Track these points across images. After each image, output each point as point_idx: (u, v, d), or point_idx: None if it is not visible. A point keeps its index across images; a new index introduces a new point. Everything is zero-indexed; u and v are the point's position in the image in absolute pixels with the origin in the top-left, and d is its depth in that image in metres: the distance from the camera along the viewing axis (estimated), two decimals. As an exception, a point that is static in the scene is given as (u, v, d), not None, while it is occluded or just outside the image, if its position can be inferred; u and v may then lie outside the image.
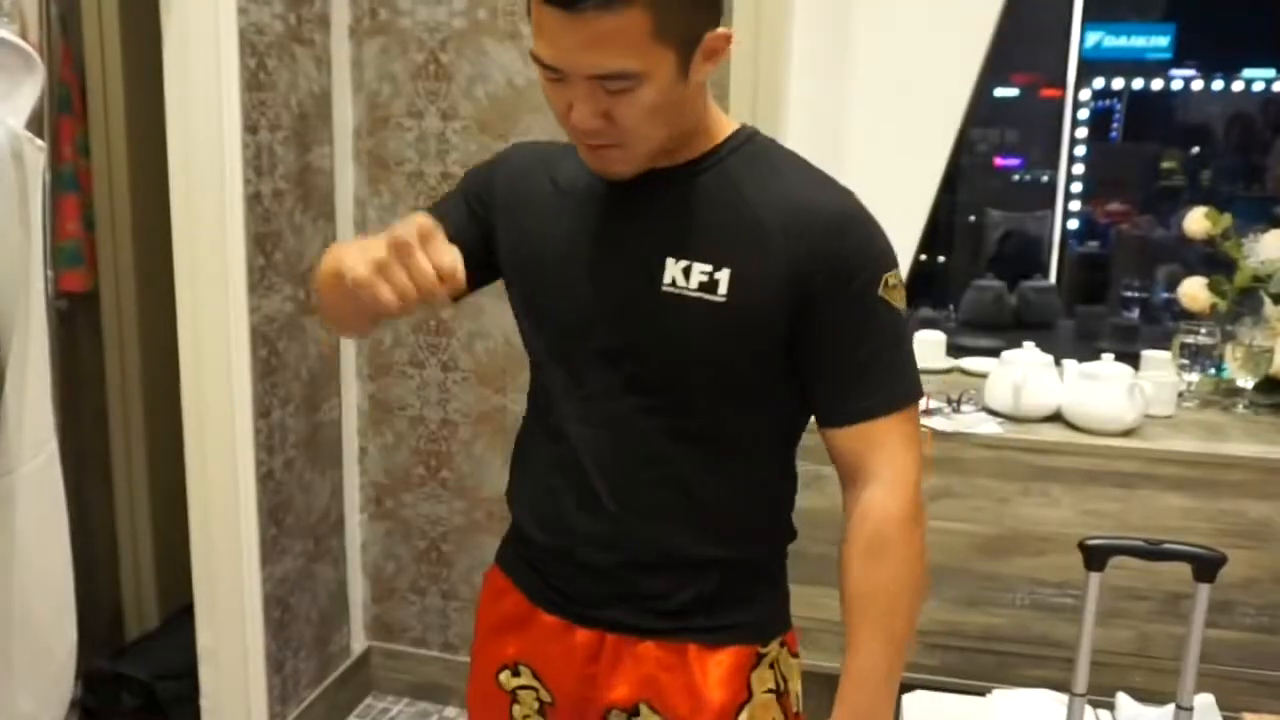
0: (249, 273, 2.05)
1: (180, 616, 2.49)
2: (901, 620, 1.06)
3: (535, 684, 1.18)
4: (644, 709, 1.12)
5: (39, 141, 1.29)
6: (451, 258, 0.90)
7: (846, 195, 1.05)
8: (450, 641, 2.56)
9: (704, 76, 1.01)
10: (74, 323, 2.39)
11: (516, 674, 1.19)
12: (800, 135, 2.12)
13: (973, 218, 5.62)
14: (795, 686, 1.17)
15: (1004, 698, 1.76)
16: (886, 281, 1.03)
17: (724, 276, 1.01)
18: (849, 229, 1.02)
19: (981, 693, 1.77)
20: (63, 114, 2.16)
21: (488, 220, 1.15)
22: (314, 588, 2.39)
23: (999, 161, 6.13)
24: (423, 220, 0.91)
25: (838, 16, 2.19)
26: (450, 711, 2.55)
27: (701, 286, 1.02)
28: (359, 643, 2.59)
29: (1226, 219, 2.18)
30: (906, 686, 1.81)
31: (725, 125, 1.08)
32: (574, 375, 1.10)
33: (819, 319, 1.02)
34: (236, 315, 2.04)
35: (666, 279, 1.03)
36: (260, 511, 2.15)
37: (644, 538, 1.10)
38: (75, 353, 2.40)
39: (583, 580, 1.13)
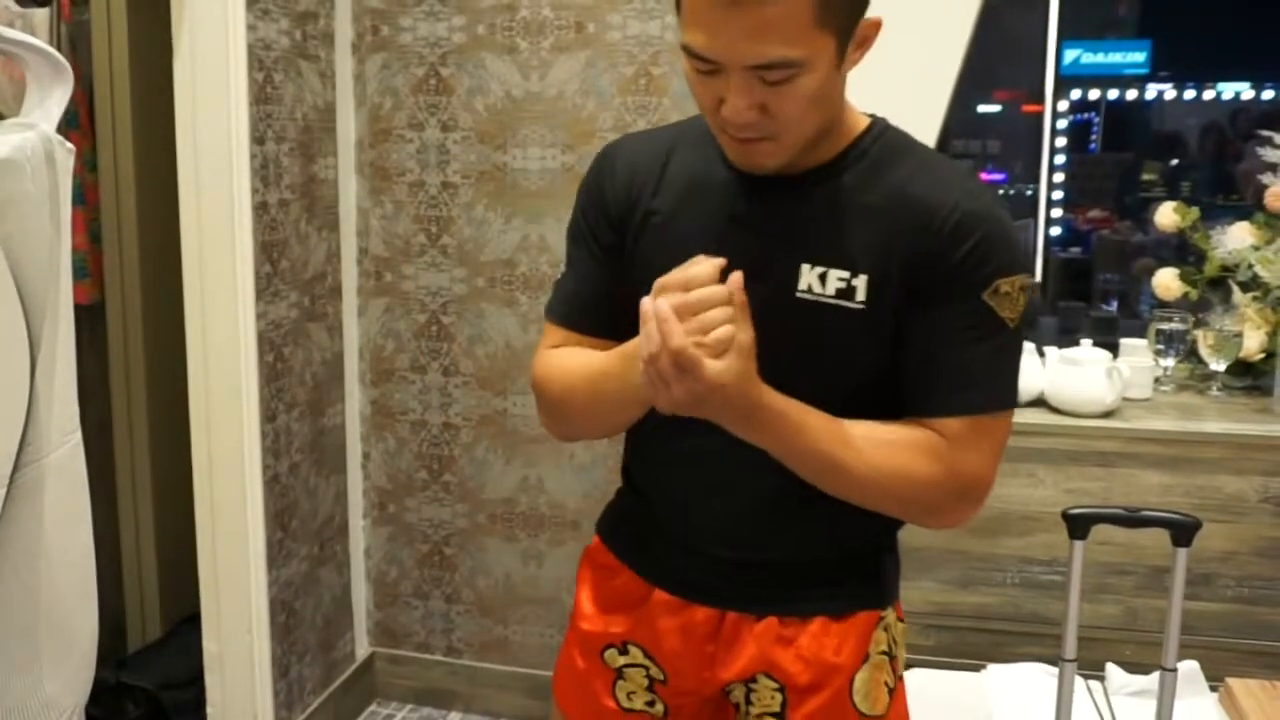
0: (256, 279, 2.10)
1: (183, 627, 2.50)
2: (864, 477, 0.99)
3: (645, 662, 1.17)
4: (761, 678, 1.13)
5: (68, 145, 1.36)
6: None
7: (975, 197, 1.01)
8: (454, 646, 2.58)
9: (854, 66, 0.99)
10: (78, 335, 2.40)
11: (624, 652, 1.18)
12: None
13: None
14: (902, 652, 1.18)
15: (998, 672, 1.81)
16: (998, 288, 0.99)
17: (861, 283, 1.00)
18: (966, 233, 0.99)
19: (976, 670, 1.82)
20: (70, 129, 2.22)
21: (614, 247, 1.11)
22: (318, 592, 2.42)
23: (984, 176, 6.24)
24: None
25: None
26: (454, 717, 2.56)
27: (839, 294, 1.00)
28: (363, 648, 2.61)
29: (1194, 212, 2.28)
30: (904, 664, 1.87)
31: (860, 121, 1.06)
32: None
33: (921, 314, 1.00)
34: (245, 321, 2.08)
35: (802, 285, 1.01)
36: (267, 515, 2.18)
37: (775, 537, 1.10)
38: (80, 364, 2.40)
39: (709, 570, 1.12)
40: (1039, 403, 2.07)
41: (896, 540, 1.18)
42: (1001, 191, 6.08)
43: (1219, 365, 2.14)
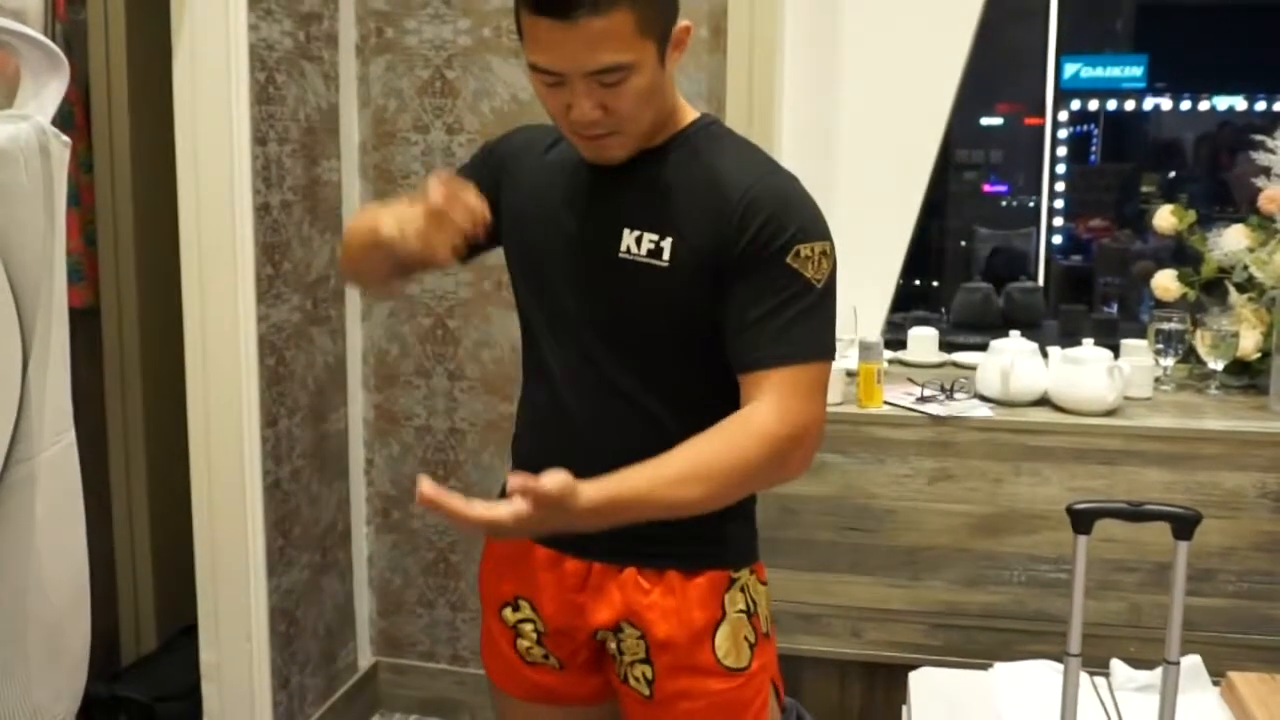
0: (257, 281, 2.10)
1: (179, 639, 2.48)
2: (706, 494, 1.11)
3: (533, 616, 1.32)
4: (625, 627, 1.26)
5: (64, 137, 1.36)
6: (478, 200, 1.08)
7: (772, 176, 1.19)
8: (459, 654, 2.56)
9: (675, 65, 1.18)
10: (73, 338, 2.39)
11: (516, 608, 1.33)
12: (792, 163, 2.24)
13: (964, 242, 5.77)
14: (764, 610, 1.30)
15: (1005, 670, 1.80)
16: (798, 253, 1.15)
17: (667, 245, 1.17)
18: (762, 206, 1.15)
19: (984, 669, 1.81)
20: (66, 130, 2.21)
21: (494, 192, 1.27)
22: (320, 601, 2.40)
23: (987, 188, 6.29)
24: (442, 175, 1.08)
25: (823, 49, 2.32)
26: (458, 726, 2.55)
27: (649, 253, 1.18)
28: (366, 658, 2.59)
29: (1192, 215, 2.32)
30: (911, 664, 1.86)
31: (689, 115, 1.24)
32: (555, 331, 1.26)
33: (734, 282, 1.16)
34: (245, 323, 2.07)
35: (622, 247, 1.19)
36: (267, 521, 2.17)
37: None
38: (74, 369, 2.38)
39: None
40: (1043, 401, 2.09)
41: (749, 509, 1.30)
42: (1004, 203, 6.13)
43: (1217, 365, 2.16)
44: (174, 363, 2.13)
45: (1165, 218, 2.33)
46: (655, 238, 1.18)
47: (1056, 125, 5.74)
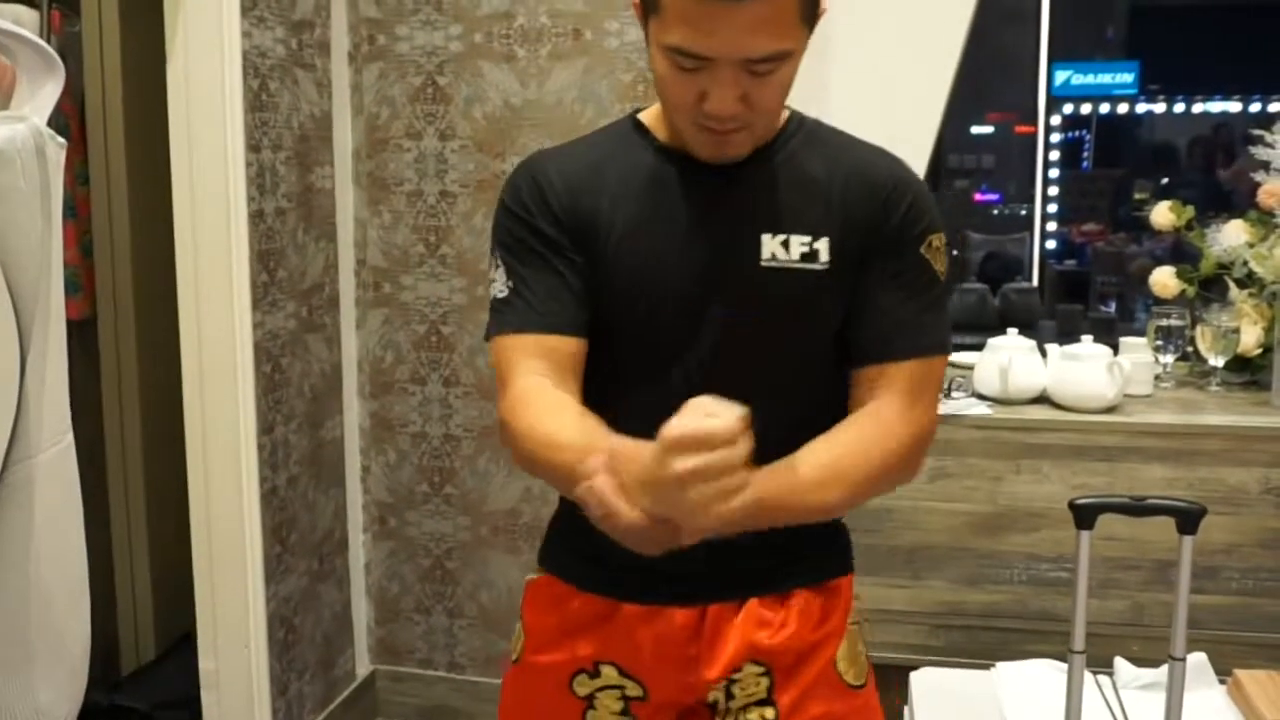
0: (253, 288, 2.09)
1: (178, 647, 2.48)
2: (834, 496, 1.03)
3: (621, 681, 1.14)
4: (745, 665, 1.13)
5: (60, 139, 1.35)
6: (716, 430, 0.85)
7: (901, 164, 1.13)
8: (457, 661, 2.55)
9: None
10: (70, 349, 2.39)
11: (596, 675, 1.15)
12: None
13: (955, 251, 5.79)
14: (869, 625, 1.22)
15: (1007, 670, 1.79)
16: (931, 243, 1.10)
17: (823, 245, 1.08)
18: (904, 193, 1.10)
19: (986, 668, 1.80)
20: (65, 144, 2.22)
21: (568, 253, 1.10)
22: (318, 608, 2.39)
23: (978, 197, 6.29)
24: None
25: (813, 56, 2.31)
26: (457, 733, 2.54)
27: (803, 257, 1.08)
28: (364, 666, 2.58)
29: (1189, 211, 2.31)
30: (912, 665, 1.85)
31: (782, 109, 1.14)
32: (666, 367, 1.09)
33: (869, 267, 1.09)
34: (241, 330, 2.07)
35: (765, 254, 1.08)
36: (264, 529, 2.16)
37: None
38: (70, 380, 2.38)
39: (680, 566, 1.03)
40: (1042, 399, 2.08)
41: None
42: (996, 211, 6.14)
43: (1217, 361, 2.16)
44: (171, 372, 2.12)
45: (1163, 214, 2.32)
46: (807, 239, 1.07)
47: (1049, 130, 5.76)
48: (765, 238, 1.08)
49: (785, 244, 1.08)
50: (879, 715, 1.20)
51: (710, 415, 0.86)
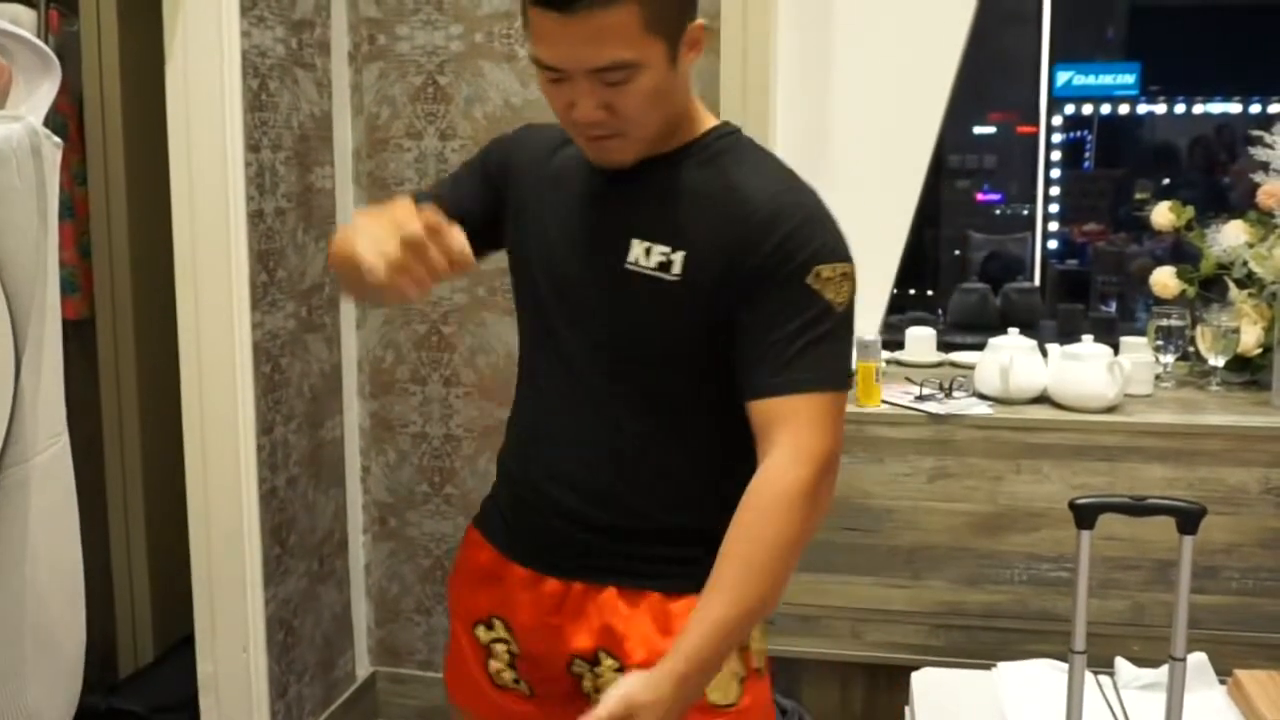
0: (252, 288, 2.09)
1: (177, 649, 2.46)
2: (769, 583, 1.06)
3: (506, 636, 1.24)
4: (603, 656, 1.18)
5: (55, 138, 1.35)
6: (460, 243, 0.97)
7: (795, 191, 1.12)
8: (455, 661, 2.56)
9: (689, 65, 1.12)
10: (68, 350, 2.39)
11: (490, 627, 1.25)
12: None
13: (957, 251, 5.79)
14: (758, 645, 1.19)
15: (1008, 670, 1.78)
16: (819, 274, 1.08)
17: (678, 258, 1.11)
18: (783, 220, 1.09)
19: (986, 669, 1.80)
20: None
21: (502, 190, 1.24)
22: (318, 610, 2.39)
23: (980, 197, 6.30)
24: (429, 215, 0.97)
25: (816, 56, 2.33)
26: (456, 735, 2.54)
27: (659, 266, 1.12)
28: (364, 667, 2.58)
29: (1189, 211, 2.31)
30: (913, 665, 1.84)
31: (708, 120, 1.18)
32: (554, 342, 1.20)
33: (749, 301, 1.09)
34: (240, 330, 2.07)
35: (630, 258, 1.13)
36: (263, 530, 2.15)
37: (625, 493, 1.17)
38: (69, 381, 2.39)
39: (552, 534, 1.20)
40: (1042, 399, 2.08)
41: None
42: (998, 211, 6.14)
43: (1217, 361, 2.16)
44: (170, 372, 2.12)
45: (1163, 214, 2.32)
46: (666, 250, 1.11)
47: (1050, 130, 5.77)
48: (634, 242, 1.13)
49: (648, 251, 1.12)
50: None
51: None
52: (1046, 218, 5.44)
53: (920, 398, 2.08)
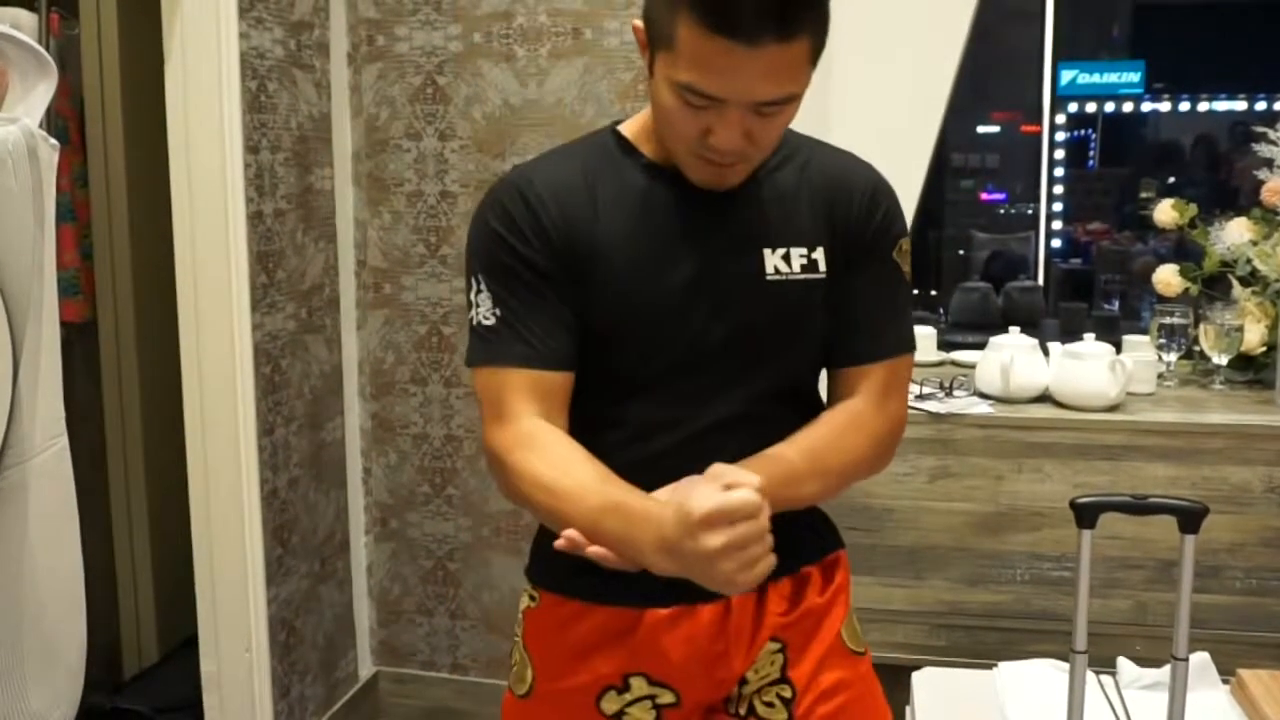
0: (252, 290, 2.09)
1: (180, 650, 2.48)
2: (832, 478, 1.11)
3: (652, 690, 1.13)
4: (768, 643, 1.15)
5: (52, 140, 1.36)
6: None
7: (871, 167, 1.18)
8: (460, 662, 2.55)
9: None
10: (70, 353, 2.41)
11: (625, 689, 1.13)
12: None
13: (961, 251, 5.78)
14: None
15: (1009, 670, 1.78)
16: (901, 246, 1.15)
17: (820, 255, 1.12)
18: (880, 197, 1.15)
19: (988, 668, 1.79)
20: (61, 146, 2.22)
21: (559, 277, 1.08)
22: (320, 610, 2.39)
23: (984, 196, 6.28)
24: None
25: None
26: (460, 735, 2.53)
27: (804, 268, 1.11)
28: (366, 667, 2.58)
29: (1193, 209, 2.31)
30: (914, 665, 1.84)
31: None
32: (681, 374, 1.10)
33: (850, 273, 1.13)
34: (240, 332, 2.07)
35: (769, 269, 1.10)
36: (265, 530, 2.16)
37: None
38: (71, 383, 2.39)
39: None
40: (1044, 398, 2.07)
41: None
42: (1002, 210, 6.12)
43: (1220, 359, 2.15)
44: (171, 374, 2.12)
45: (1166, 212, 2.32)
46: (805, 251, 1.11)
47: (1054, 129, 5.75)
48: (766, 253, 1.10)
49: (786, 257, 1.10)
50: (876, 680, 1.25)
51: (730, 486, 0.90)
52: (1050, 216, 5.42)
53: (921, 397, 2.08)
